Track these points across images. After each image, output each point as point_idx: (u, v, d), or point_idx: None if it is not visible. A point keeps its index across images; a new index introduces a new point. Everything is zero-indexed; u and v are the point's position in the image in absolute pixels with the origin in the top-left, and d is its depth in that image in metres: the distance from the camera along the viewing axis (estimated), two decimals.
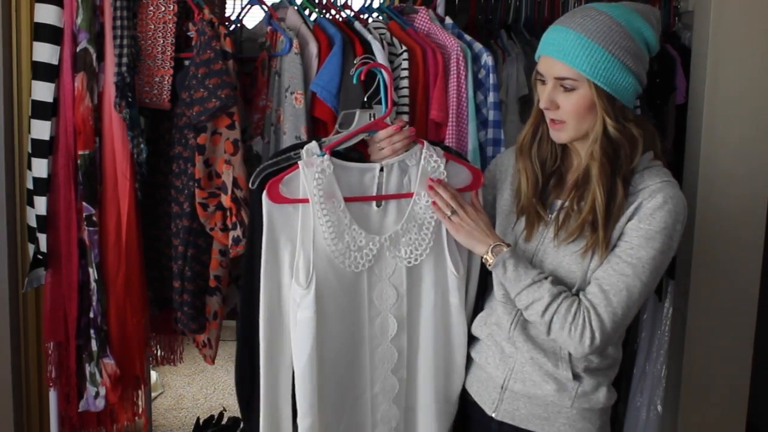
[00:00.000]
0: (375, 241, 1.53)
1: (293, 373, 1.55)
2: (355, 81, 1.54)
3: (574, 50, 1.38)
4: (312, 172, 1.48)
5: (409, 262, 1.56)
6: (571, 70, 1.39)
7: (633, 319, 2.58)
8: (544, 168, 1.53)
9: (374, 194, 1.55)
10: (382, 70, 1.55)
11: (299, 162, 1.49)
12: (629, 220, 1.41)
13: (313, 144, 1.52)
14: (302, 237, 1.49)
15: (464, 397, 1.66)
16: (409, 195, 1.56)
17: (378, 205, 1.55)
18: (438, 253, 1.58)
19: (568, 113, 1.42)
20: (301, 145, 1.55)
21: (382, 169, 1.54)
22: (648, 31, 1.42)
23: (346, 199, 1.51)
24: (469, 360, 1.65)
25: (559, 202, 1.50)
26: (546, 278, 1.42)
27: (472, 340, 1.65)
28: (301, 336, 1.51)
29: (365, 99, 1.58)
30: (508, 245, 1.47)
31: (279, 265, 1.50)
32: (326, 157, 1.49)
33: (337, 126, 1.62)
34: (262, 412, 1.55)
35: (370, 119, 1.57)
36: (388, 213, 1.56)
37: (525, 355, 1.50)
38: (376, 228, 1.55)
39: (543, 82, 1.45)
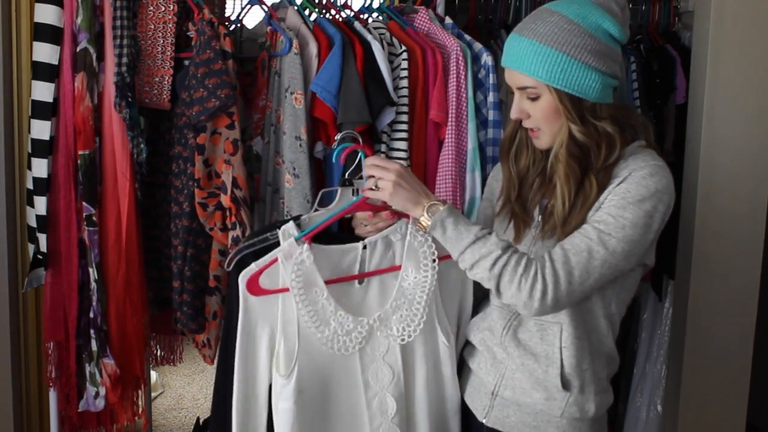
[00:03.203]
0: (363, 323, 1.50)
1: None
2: (334, 161, 1.52)
3: (528, 58, 1.36)
4: (291, 263, 1.44)
5: (403, 340, 1.52)
6: (529, 78, 1.37)
7: (633, 318, 2.58)
8: (525, 173, 1.51)
9: (357, 273, 1.51)
10: (362, 150, 1.52)
11: (278, 255, 1.44)
12: (609, 193, 1.37)
13: (291, 225, 1.48)
14: (284, 326, 1.46)
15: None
16: (396, 268, 1.52)
17: (360, 282, 1.52)
18: (428, 324, 1.54)
19: (539, 120, 1.41)
20: (278, 225, 1.51)
21: (365, 247, 1.50)
22: (608, 23, 1.37)
23: (328, 282, 1.46)
24: (463, 365, 1.63)
25: (545, 202, 1.49)
26: (490, 233, 1.36)
27: (466, 344, 1.64)
28: (281, 426, 1.47)
29: (346, 176, 1.55)
30: (445, 202, 1.39)
31: (255, 352, 1.47)
32: (305, 247, 1.45)
33: (316, 204, 1.58)
34: None
35: (353, 195, 1.54)
36: (370, 289, 1.53)
37: (516, 361, 1.47)
38: (360, 306, 1.51)
39: (512, 93, 1.45)
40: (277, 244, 1.48)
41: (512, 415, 1.49)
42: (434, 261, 1.50)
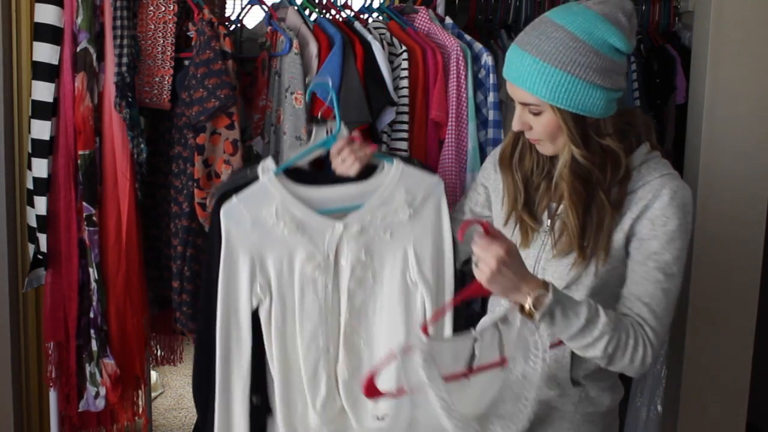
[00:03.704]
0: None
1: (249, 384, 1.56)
2: (308, 100, 1.57)
3: (531, 76, 1.31)
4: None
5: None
6: (531, 96, 1.33)
7: None
8: (530, 178, 1.48)
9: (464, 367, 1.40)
10: (330, 87, 1.59)
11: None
12: (636, 219, 1.36)
13: (269, 161, 1.54)
14: (262, 260, 1.51)
15: None
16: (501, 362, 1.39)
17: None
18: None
19: (540, 134, 1.38)
20: (256, 164, 1.57)
21: (476, 340, 1.40)
22: (614, 37, 1.30)
23: (446, 378, 1.33)
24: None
25: (554, 206, 1.45)
26: (595, 309, 1.30)
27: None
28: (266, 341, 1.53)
29: (318, 116, 1.61)
30: (545, 285, 1.29)
31: (237, 282, 1.51)
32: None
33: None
34: (217, 423, 1.55)
35: (327, 135, 1.59)
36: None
37: None
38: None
39: (514, 103, 1.42)
40: (256, 179, 1.52)
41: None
42: (545, 351, 1.36)
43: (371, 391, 1.33)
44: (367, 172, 1.61)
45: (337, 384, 1.61)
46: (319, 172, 1.68)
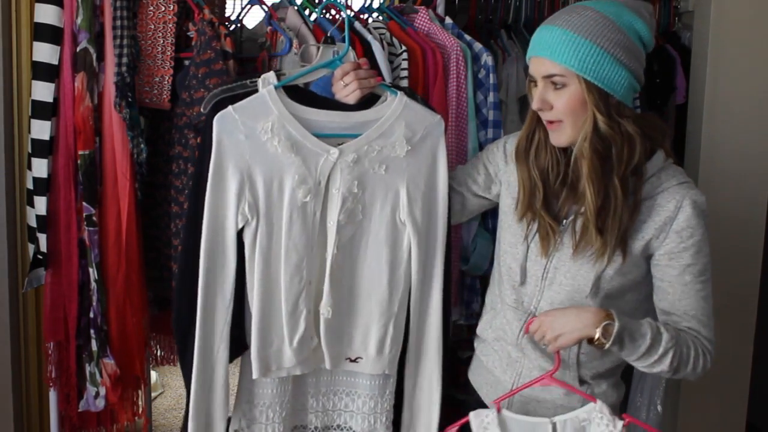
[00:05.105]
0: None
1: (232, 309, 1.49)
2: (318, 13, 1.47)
3: (560, 46, 1.34)
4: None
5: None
6: (558, 66, 1.35)
7: None
8: (546, 176, 1.47)
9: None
10: (347, 11, 1.49)
11: None
12: (660, 231, 1.40)
13: (271, 74, 1.44)
14: (251, 175, 1.43)
15: (475, 398, 1.65)
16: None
17: None
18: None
19: (562, 111, 1.38)
20: (259, 75, 1.48)
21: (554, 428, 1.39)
22: (640, 24, 1.37)
23: None
24: (477, 360, 1.64)
25: (576, 207, 1.45)
26: (656, 328, 1.37)
27: (477, 337, 1.64)
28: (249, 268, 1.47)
29: (327, 35, 1.51)
30: (608, 314, 1.34)
31: (224, 195, 1.44)
32: None
33: (299, 60, 1.53)
34: (197, 352, 1.49)
35: (333, 56, 1.48)
36: None
37: (533, 362, 1.50)
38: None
39: (534, 85, 1.43)
40: (255, 90, 1.45)
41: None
42: None
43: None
44: (367, 102, 1.53)
45: (316, 322, 1.53)
46: (318, 95, 1.58)
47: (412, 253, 1.53)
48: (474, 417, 1.40)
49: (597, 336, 1.32)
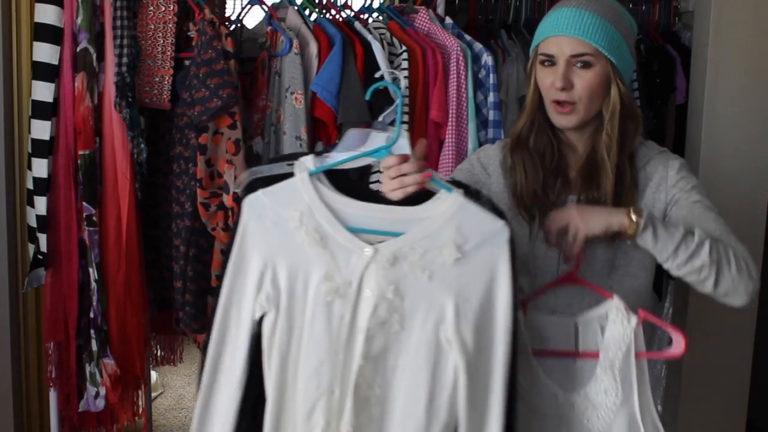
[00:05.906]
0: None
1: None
2: (368, 97, 1.36)
3: (592, 28, 1.41)
4: None
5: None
6: (590, 46, 1.40)
7: None
8: (543, 161, 1.48)
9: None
10: (400, 94, 1.35)
11: None
12: (657, 190, 1.45)
13: (309, 158, 1.31)
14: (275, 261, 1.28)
15: None
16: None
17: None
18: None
19: (581, 92, 1.41)
20: (297, 156, 1.34)
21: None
22: (635, 27, 1.48)
23: (536, 353, 1.37)
24: None
25: (573, 197, 1.46)
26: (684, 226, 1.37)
27: None
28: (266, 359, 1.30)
29: (381, 117, 1.40)
30: (636, 210, 1.35)
31: (245, 279, 1.30)
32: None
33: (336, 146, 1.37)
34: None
35: (386, 141, 1.31)
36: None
37: None
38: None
39: (550, 64, 1.43)
40: (290, 174, 1.32)
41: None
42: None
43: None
44: (420, 196, 1.34)
45: None
46: (362, 184, 1.48)
47: (459, 381, 1.29)
48: None
49: (629, 219, 1.32)
